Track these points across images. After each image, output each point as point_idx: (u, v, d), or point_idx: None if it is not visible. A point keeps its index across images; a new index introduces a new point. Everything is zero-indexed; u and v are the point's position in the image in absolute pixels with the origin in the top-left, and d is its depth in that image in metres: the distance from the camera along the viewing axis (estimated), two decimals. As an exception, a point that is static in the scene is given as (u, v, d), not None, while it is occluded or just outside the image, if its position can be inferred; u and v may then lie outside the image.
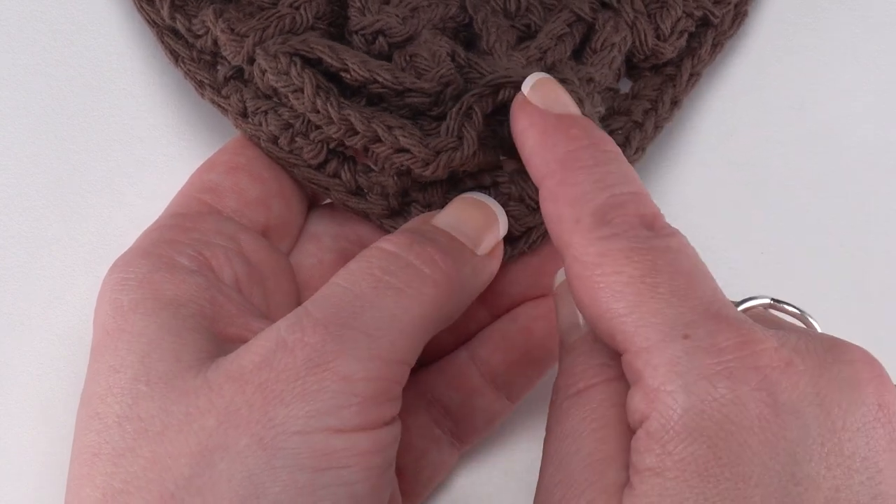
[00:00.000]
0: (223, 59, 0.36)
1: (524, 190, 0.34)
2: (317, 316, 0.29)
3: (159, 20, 0.37)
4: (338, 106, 0.33)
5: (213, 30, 0.35)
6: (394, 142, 0.33)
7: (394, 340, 0.29)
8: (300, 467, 0.28)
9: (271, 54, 0.33)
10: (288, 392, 0.28)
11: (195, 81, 0.36)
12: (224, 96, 0.36)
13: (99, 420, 0.29)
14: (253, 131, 0.35)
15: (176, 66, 0.37)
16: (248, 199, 0.34)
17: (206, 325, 0.30)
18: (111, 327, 0.30)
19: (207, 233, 0.33)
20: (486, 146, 0.34)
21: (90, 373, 0.31)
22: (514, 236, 0.34)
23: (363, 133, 0.33)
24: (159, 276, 0.31)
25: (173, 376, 0.29)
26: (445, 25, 0.36)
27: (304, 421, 0.28)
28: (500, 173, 0.34)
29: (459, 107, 0.33)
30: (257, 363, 0.29)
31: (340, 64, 0.33)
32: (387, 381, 0.29)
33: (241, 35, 0.34)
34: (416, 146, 0.33)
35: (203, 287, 0.31)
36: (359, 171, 0.35)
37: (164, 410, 0.29)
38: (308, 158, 0.34)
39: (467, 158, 0.33)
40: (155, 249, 0.32)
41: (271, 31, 0.34)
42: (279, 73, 0.33)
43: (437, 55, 0.34)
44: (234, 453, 0.28)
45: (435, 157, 0.33)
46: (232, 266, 0.33)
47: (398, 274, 0.30)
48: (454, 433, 0.35)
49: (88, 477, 0.29)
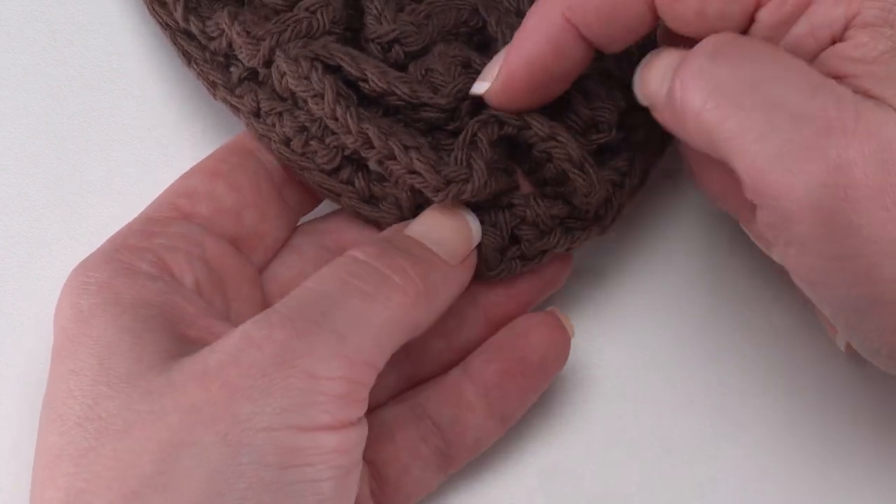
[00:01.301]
0: (237, 60, 0.36)
1: (538, 215, 0.34)
2: (284, 313, 0.29)
3: (172, 22, 0.36)
4: (357, 118, 0.33)
5: (228, 32, 0.35)
6: (408, 163, 0.33)
7: (361, 342, 0.29)
8: (265, 464, 0.28)
9: (292, 58, 0.33)
10: (255, 388, 0.28)
11: (207, 82, 0.36)
12: (238, 96, 0.35)
13: (61, 422, 0.29)
14: (265, 132, 0.35)
15: (188, 66, 0.36)
16: (221, 207, 0.34)
17: (168, 326, 0.30)
18: (71, 331, 0.30)
19: (172, 237, 0.32)
20: (499, 171, 0.34)
21: (51, 376, 0.31)
22: (527, 256, 0.34)
23: (379, 149, 0.33)
24: (119, 281, 0.31)
25: (135, 376, 0.29)
26: (459, 31, 0.36)
27: (269, 418, 0.28)
28: (516, 195, 0.34)
29: (465, 135, 0.33)
30: (223, 360, 0.29)
31: (360, 73, 0.33)
32: (353, 381, 0.29)
33: (257, 38, 0.34)
34: (429, 172, 0.32)
35: (163, 291, 0.31)
36: (373, 179, 0.34)
37: (127, 409, 0.29)
38: (322, 163, 0.34)
39: (478, 190, 0.33)
40: (116, 255, 0.32)
41: (288, 35, 0.34)
42: (299, 78, 0.33)
43: (452, 69, 0.34)
44: (199, 449, 0.28)
45: (445, 186, 0.33)
46: (193, 271, 0.32)
47: (367, 279, 0.31)
48: (442, 452, 0.35)
49: (51, 479, 0.29)
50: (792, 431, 0.37)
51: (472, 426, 0.35)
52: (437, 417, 0.35)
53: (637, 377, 0.38)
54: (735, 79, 0.29)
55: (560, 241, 0.35)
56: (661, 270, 0.39)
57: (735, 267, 0.39)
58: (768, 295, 0.38)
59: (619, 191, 0.35)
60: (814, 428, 0.37)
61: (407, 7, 0.36)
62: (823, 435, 0.37)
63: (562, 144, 0.33)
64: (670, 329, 0.38)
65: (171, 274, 0.32)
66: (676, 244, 0.39)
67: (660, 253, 0.39)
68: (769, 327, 0.38)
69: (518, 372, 0.35)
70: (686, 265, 0.39)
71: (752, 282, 0.38)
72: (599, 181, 0.33)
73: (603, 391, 0.38)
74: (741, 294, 0.38)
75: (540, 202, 0.34)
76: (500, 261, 0.34)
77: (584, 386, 0.38)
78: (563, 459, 0.37)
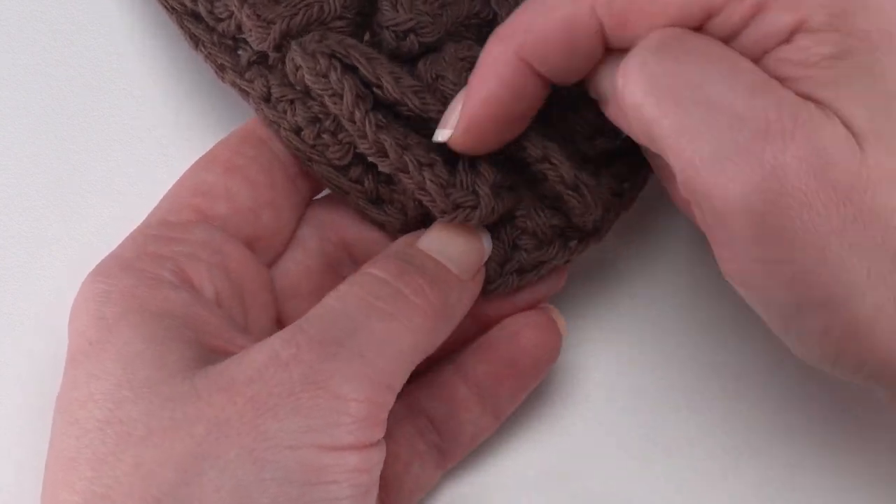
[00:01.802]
0: (245, 44, 0.35)
1: (538, 225, 0.34)
2: (311, 333, 0.29)
3: (178, 5, 0.36)
4: (375, 127, 0.32)
5: (237, 14, 0.34)
6: (420, 181, 0.32)
7: (384, 365, 0.30)
8: (290, 481, 0.28)
9: (309, 53, 0.33)
10: (281, 406, 0.28)
11: (216, 65, 0.35)
12: (248, 80, 0.35)
13: (78, 426, 0.29)
14: (275, 118, 0.34)
15: (196, 49, 0.36)
16: (239, 206, 0.34)
17: (191, 337, 0.30)
18: (94, 338, 0.30)
19: (192, 245, 0.32)
20: (504, 191, 0.33)
21: (67, 380, 0.31)
22: (525, 268, 0.34)
23: (393, 161, 0.33)
24: (142, 290, 0.31)
25: (158, 382, 0.29)
26: (470, 22, 0.35)
27: (295, 436, 0.28)
28: (519, 208, 0.34)
29: (464, 160, 0.33)
30: (249, 376, 0.29)
31: (375, 79, 0.32)
32: (376, 403, 0.29)
33: (267, 21, 0.34)
34: (439, 194, 0.32)
35: (187, 303, 0.31)
36: (381, 181, 0.34)
37: (149, 415, 0.29)
38: (332, 158, 0.34)
39: (486, 217, 0.33)
40: (137, 263, 0.32)
41: (299, 19, 0.34)
42: (317, 75, 0.33)
43: (462, 77, 0.33)
44: (224, 463, 0.28)
45: (453, 210, 0.33)
46: (213, 281, 0.32)
47: (388, 300, 0.31)
48: (438, 448, 0.35)
49: (66, 482, 0.29)
50: (790, 432, 0.37)
51: (467, 422, 0.35)
52: (432, 413, 0.35)
53: (636, 378, 0.38)
54: (676, 75, 0.28)
55: (558, 254, 0.34)
56: (659, 271, 0.39)
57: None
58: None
59: (618, 200, 0.35)
60: (811, 428, 0.37)
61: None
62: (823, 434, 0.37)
63: (554, 167, 0.33)
64: (669, 330, 0.38)
65: (192, 285, 0.32)
66: (673, 245, 0.39)
67: (658, 254, 0.39)
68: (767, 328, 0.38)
69: (508, 373, 0.35)
70: (684, 266, 0.39)
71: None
72: (595, 200, 0.33)
73: (602, 392, 0.38)
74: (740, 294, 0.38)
75: (541, 213, 0.34)
76: (500, 274, 0.34)
77: (584, 387, 0.38)
78: (563, 460, 0.37)
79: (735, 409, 0.37)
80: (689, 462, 0.37)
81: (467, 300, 0.33)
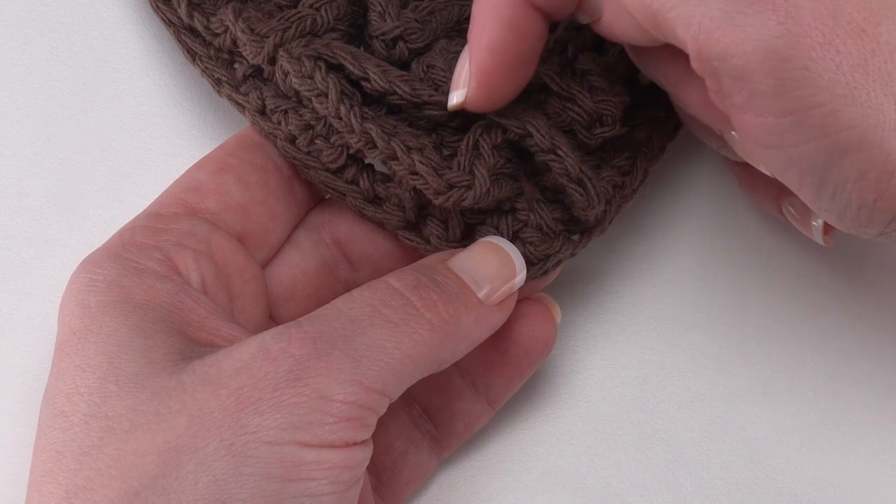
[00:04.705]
0: (241, 57, 0.36)
1: (542, 218, 0.34)
2: (307, 330, 0.29)
3: (176, 19, 0.36)
4: (360, 118, 0.33)
5: (232, 29, 0.35)
6: (410, 165, 0.33)
7: (379, 371, 0.29)
8: (268, 476, 0.28)
9: (295, 57, 0.33)
10: (264, 401, 0.28)
11: (212, 79, 0.36)
12: (243, 93, 0.35)
13: (64, 418, 0.29)
14: (271, 129, 0.35)
15: (192, 63, 0.36)
16: (229, 202, 0.34)
17: (176, 328, 0.30)
18: (78, 327, 0.30)
19: (179, 234, 0.32)
20: (503, 177, 0.34)
21: (55, 371, 0.31)
22: (531, 261, 0.34)
23: (382, 150, 0.33)
24: (128, 280, 0.31)
25: (144, 377, 0.29)
26: (461, 27, 0.36)
27: (276, 432, 0.28)
28: (520, 200, 0.34)
29: (467, 141, 0.33)
30: (237, 368, 0.29)
31: (361, 73, 0.33)
32: (363, 407, 0.29)
33: (261, 35, 0.34)
34: (431, 174, 0.32)
35: (172, 292, 0.31)
36: (377, 179, 0.34)
37: (133, 409, 0.29)
38: (327, 162, 0.34)
39: (480, 198, 0.33)
40: (124, 253, 0.32)
41: (292, 32, 0.34)
42: (303, 77, 0.33)
43: (453, 65, 0.33)
44: (203, 456, 0.28)
45: (447, 190, 0.33)
46: (199, 268, 0.32)
47: (396, 310, 0.30)
48: (434, 437, 0.35)
49: (51, 474, 0.29)
50: (790, 432, 0.37)
51: (461, 411, 0.35)
52: (426, 402, 0.35)
53: (638, 377, 0.38)
54: None
55: (563, 247, 0.34)
56: (661, 268, 0.39)
57: (733, 265, 0.39)
58: (767, 292, 0.38)
59: (620, 193, 0.35)
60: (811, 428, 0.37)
61: (410, 4, 0.36)
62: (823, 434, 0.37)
63: (560, 159, 0.33)
64: (671, 328, 0.38)
65: (178, 272, 0.32)
66: (675, 242, 0.39)
67: (660, 251, 0.39)
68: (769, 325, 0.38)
69: (502, 363, 0.35)
70: (685, 263, 0.39)
71: (750, 280, 0.38)
72: (598, 194, 0.33)
73: (603, 391, 0.38)
74: (741, 293, 0.38)
75: (543, 207, 0.34)
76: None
77: (585, 386, 0.38)
78: (564, 460, 0.37)
79: (735, 408, 0.37)
80: (689, 462, 0.37)
81: (487, 326, 0.33)
